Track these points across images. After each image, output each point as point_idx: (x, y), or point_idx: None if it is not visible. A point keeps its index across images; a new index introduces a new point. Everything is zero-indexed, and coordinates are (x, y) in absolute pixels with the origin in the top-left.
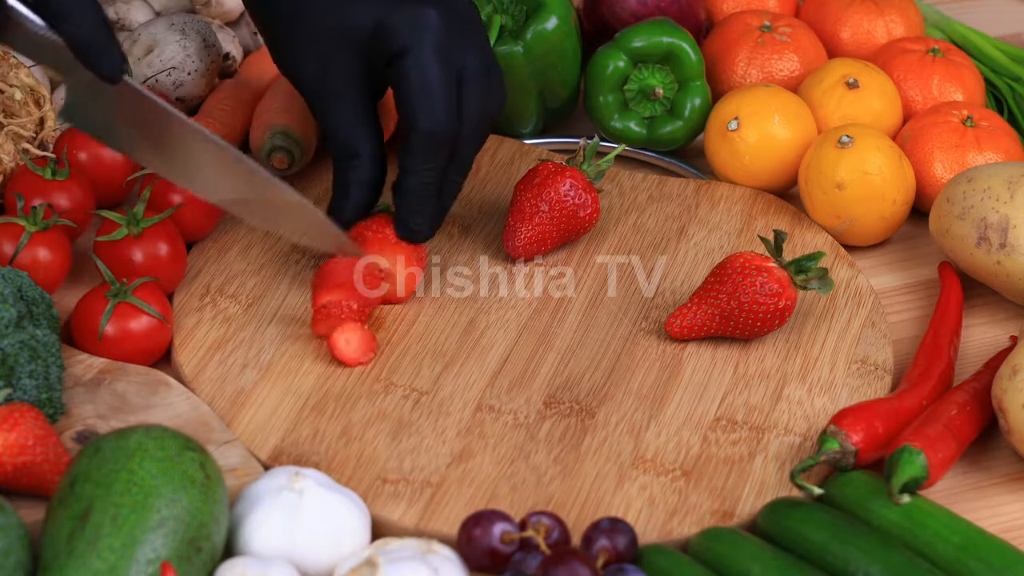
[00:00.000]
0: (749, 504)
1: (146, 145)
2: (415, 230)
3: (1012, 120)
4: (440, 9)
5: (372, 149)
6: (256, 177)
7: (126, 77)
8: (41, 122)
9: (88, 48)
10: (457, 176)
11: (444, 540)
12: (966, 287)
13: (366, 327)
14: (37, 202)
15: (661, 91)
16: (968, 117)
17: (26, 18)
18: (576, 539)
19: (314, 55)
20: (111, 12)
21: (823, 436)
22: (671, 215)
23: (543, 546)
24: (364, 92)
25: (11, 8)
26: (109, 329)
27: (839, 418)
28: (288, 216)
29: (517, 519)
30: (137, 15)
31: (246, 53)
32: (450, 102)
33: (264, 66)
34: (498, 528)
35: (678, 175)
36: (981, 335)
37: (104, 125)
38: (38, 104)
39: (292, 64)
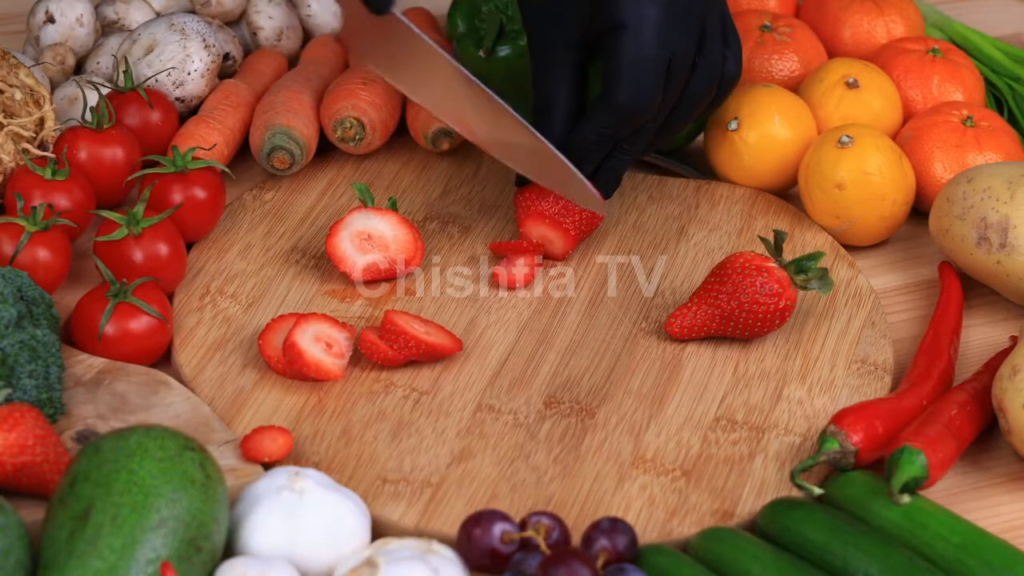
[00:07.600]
0: (749, 504)
1: (406, 72)
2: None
3: (1012, 120)
4: None
5: (565, 110)
6: (504, 118)
7: (394, 11)
8: (41, 122)
9: None
10: (630, 149)
11: (444, 540)
12: (966, 287)
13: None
14: (37, 202)
15: None
16: (968, 117)
17: None
18: (576, 539)
19: (540, 16)
20: (111, 12)
21: (823, 436)
22: (671, 215)
23: (543, 546)
24: (573, 55)
25: None
26: (109, 329)
27: (839, 418)
28: (530, 158)
29: (517, 519)
30: (137, 15)
31: (246, 53)
32: (654, 84)
33: (264, 66)
34: (498, 528)
35: (678, 175)
36: (981, 335)
37: (373, 50)
38: (38, 104)
39: (525, 23)
